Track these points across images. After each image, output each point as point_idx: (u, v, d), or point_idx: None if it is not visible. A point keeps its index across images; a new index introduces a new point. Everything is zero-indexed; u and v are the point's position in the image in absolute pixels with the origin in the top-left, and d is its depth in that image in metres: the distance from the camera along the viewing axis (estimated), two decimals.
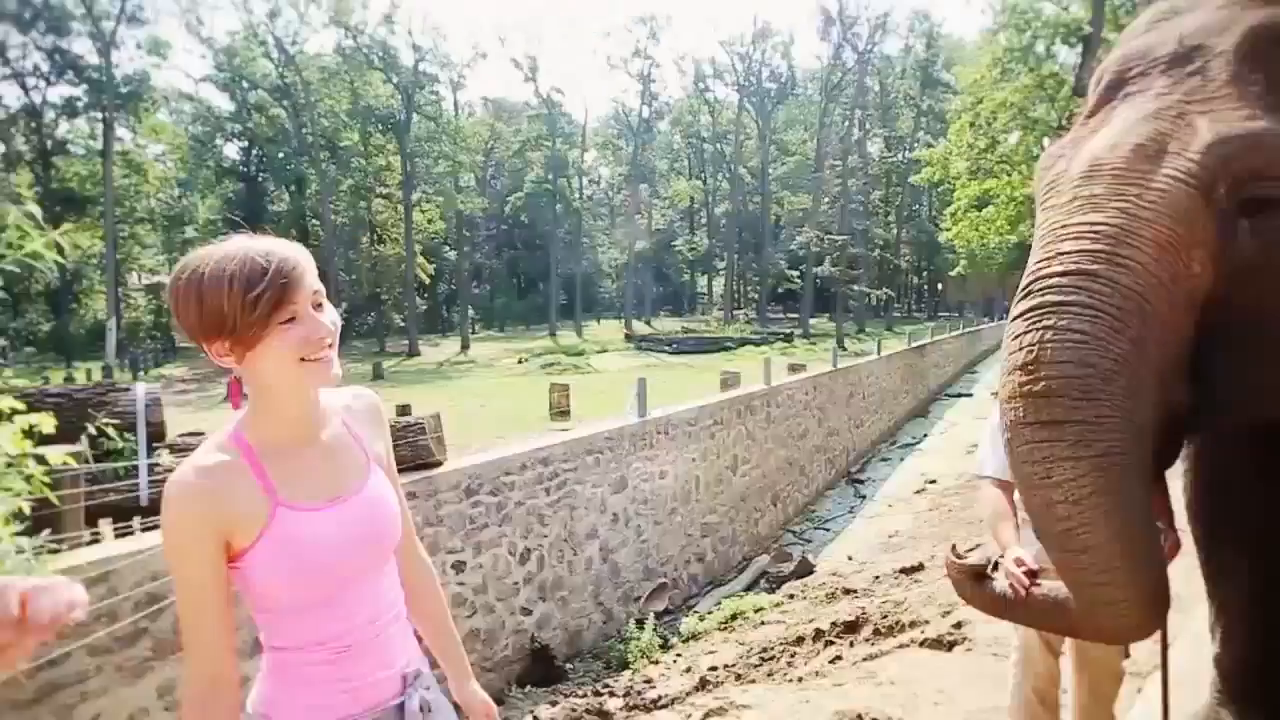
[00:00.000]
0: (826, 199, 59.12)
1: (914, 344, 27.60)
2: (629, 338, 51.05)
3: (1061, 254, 2.14)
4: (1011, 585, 2.25)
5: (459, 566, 7.32)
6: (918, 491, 15.87)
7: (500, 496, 7.83)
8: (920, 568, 8.93)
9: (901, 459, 19.89)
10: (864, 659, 4.97)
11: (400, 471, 6.13)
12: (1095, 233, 2.11)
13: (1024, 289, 2.19)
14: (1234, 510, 3.02)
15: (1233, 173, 2.07)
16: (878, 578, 8.98)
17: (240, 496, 1.39)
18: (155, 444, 5.85)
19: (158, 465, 5.43)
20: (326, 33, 49.45)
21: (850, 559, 11.24)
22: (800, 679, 5.04)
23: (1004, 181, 25.91)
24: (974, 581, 2.37)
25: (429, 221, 53.40)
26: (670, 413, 11.07)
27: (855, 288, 55.60)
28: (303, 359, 1.41)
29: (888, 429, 22.98)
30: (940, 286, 70.64)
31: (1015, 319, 2.16)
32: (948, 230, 30.88)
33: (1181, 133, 2.15)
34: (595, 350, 44.34)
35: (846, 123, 61.26)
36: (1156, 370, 2.12)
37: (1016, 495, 2.95)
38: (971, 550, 2.43)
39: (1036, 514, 2.09)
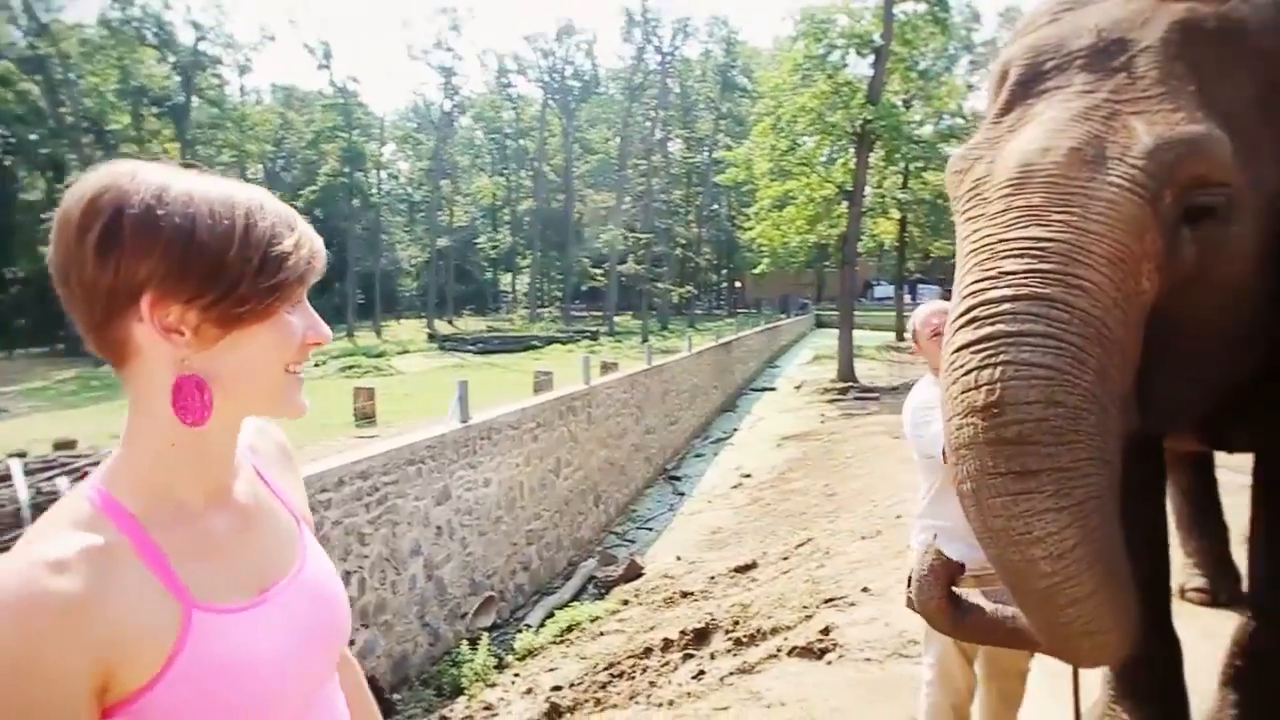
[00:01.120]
0: (629, 198, 59.80)
1: (721, 340, 28.22)
2: (432, 337, 49.52)
3: (1005, 274, 1.90)
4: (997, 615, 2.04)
5: None
6: (735, 486, 16.07)
7: (315, 517, 7.06)
8: (754, 565, 8.89)
9: (715, 454, 20.17)
10: (734, 673, 4.74)
11: None
12: (1041, 250, 1.89)
13: (965, 314, 1.94)
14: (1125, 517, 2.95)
15: (1177, 180, 1.92)
16: (713, 578, 8.86)
17: (131, 603, 0.83)
18: None
19: None
20: (89, 0, 44.74)
21: (679, 559, 11.11)
22: (671, 701, 4.74)
23: (803, 183, 27.03)
24: (953, 609, 2.12)
25: None
26: (493, 417, 10.55)
27: (659, 285, 56.56)
28: (287, 368, 0.94)
29: (700, 425, 23.33)
30: (739, 284, 73.22)
31: (960, 349, 1.90)
32: (749, 229, 31.91)
33: (1118, 135, 1.96)
34: (396, 351, 42.61)
35: (649, 123, 62.24)
36: (1118, 400, 1.95)
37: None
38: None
39: (1014, 571, 1.84)
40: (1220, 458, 4.42)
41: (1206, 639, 3.24)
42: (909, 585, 2.93)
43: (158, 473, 0.91)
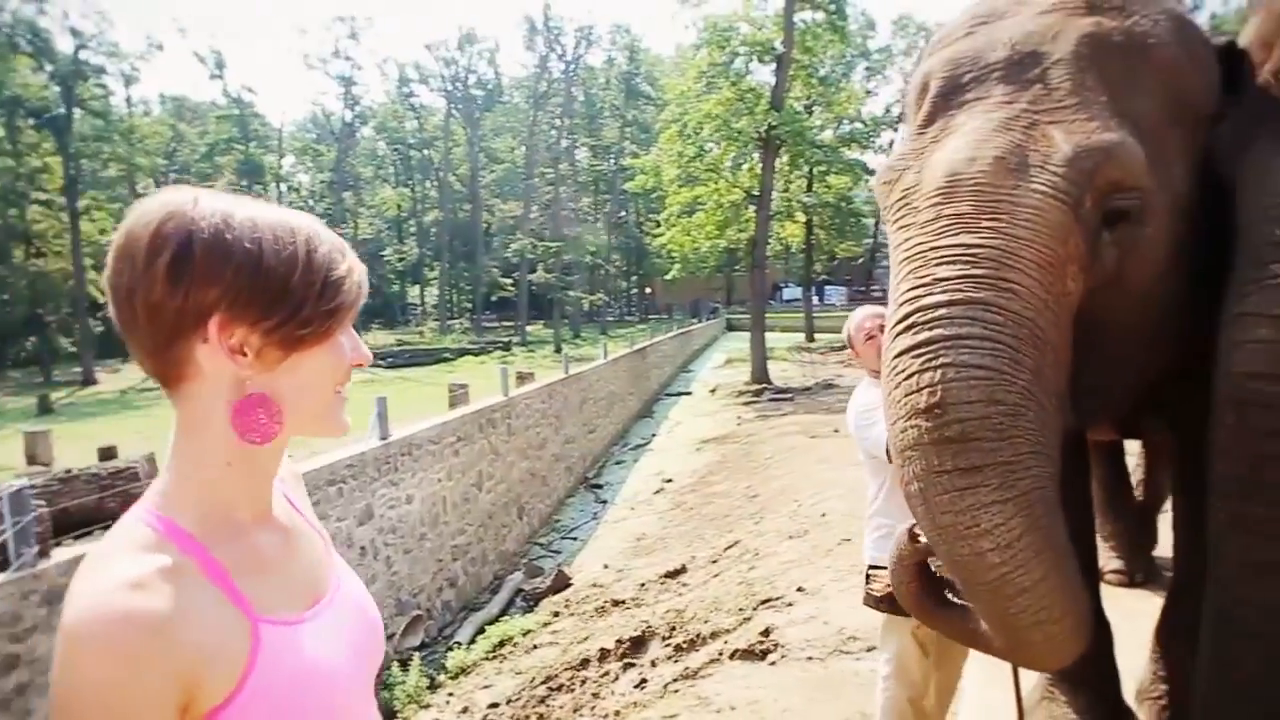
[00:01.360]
0: (537, 206, 59.53)
1: (635, 346, 28.32)
2: None
3: (940, 280, 1.98)
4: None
5: None
6: (656, 492, 16.11)
7: None
8: (683, 570, 8.95)
9: (635, 460, 20.20)
10: (677, 679, 4.76)
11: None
12: (973, 256, 1.98)
13: (903, 321, 2.01)
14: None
15: (1096, 186, 2.03)
16: (643, 585, 8.89)
17: (207, 622, 0.84)
18: None
19: None
20: None
21: (606, 567, 11.11)
22: (617, 712, 4.73)
23: (711, 188, 27.32)
24: (924, 595, 2.18)
25: (101, 232, 47.14)
26: (413, 432, 10.37)
27: (570, 294, 56.44)
28: (336, 389, 0.99)
29: (618, 432, 23.37)
30: (649, 290, 73.52)
31: (901, 354, 1.98)
32: (660, 235, 32.11)
33: (1039, 144, 2.07)
34: None
35: (554, 131, 62.12)
36: (1054, 398, 2.05)
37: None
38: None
39: (964, 566, 1.92)
40: (1130, 445, 4.66)
41: (1127, 619, 3.38)
42: (867, 581, 3.00)
43: (214, 492, 0.92)
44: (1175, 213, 2.23)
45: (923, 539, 2.13)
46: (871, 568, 3.03)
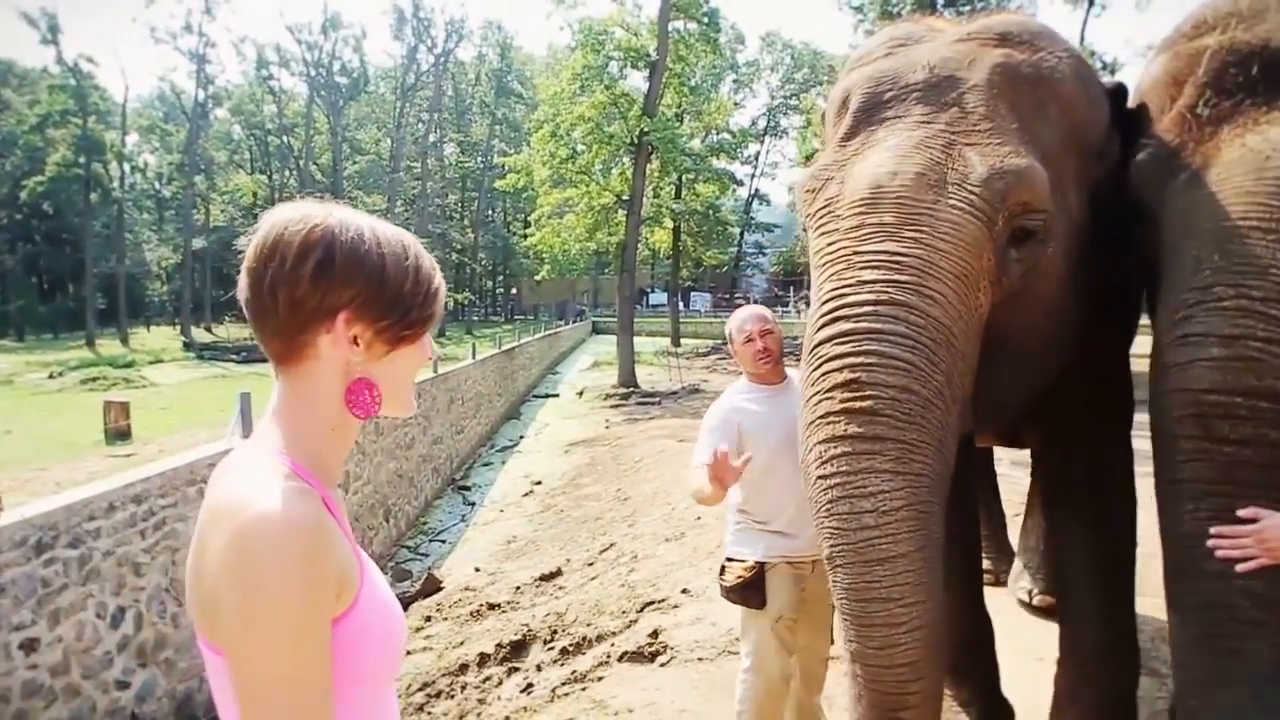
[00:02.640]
0: (402, 201, 58.11)
1: (503, 347, 28.01)
2: (188, 346, 45.74)
3: (865, 282, 2.11)
4: None
5: (30, 646, 5.78)
6: (526, 494, 15.97)
7: (83, 548, 6.37)
8: (559, 573, 8.90)
9: (503, 462, 19.96)
10: (566, 682, 4.73)
11: None
12: (897, 263, 2.11)
13: (829, 313, 2.14)
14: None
15: (1008, 206, 2.19)
16: (519, 588, 8.78)
17: (342, 543, 1.02)
18: None
19: None
20: None
21: (478, 570, 10.92)
22: (507, 718, 4.66)
23: (583, 191, 27.31)
24: None
25: None
26: None
27: None
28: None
29: (486, 433, 23.05)
30: (515, 290, 72.89)
31: (824, 342, 2.11)
32: (530, 236, 31.92)
33: (956, 164, 2.22)
34: (148, 361, 39.02)
35: (422, 125, 60.74)
36: (959, 404, 2.18)
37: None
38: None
39: (839, 522, 2.03)
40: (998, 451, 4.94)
41: (993, 616, 3.60)
42: (721, 573, 3.09)
43: (321, 450, 1.08)
44: (1071, 235, 2.42)
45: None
46: (728, 559, 3.11)
